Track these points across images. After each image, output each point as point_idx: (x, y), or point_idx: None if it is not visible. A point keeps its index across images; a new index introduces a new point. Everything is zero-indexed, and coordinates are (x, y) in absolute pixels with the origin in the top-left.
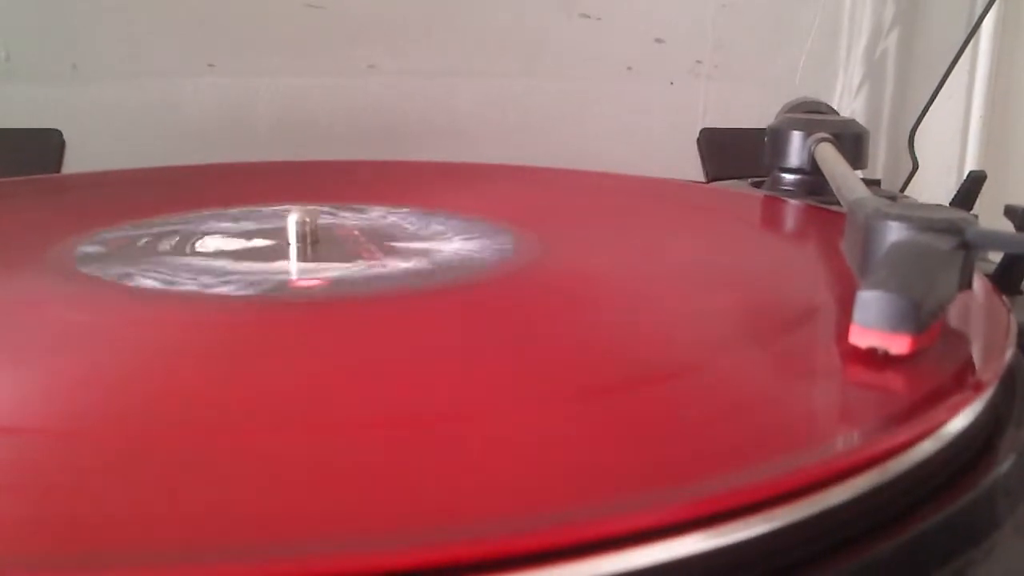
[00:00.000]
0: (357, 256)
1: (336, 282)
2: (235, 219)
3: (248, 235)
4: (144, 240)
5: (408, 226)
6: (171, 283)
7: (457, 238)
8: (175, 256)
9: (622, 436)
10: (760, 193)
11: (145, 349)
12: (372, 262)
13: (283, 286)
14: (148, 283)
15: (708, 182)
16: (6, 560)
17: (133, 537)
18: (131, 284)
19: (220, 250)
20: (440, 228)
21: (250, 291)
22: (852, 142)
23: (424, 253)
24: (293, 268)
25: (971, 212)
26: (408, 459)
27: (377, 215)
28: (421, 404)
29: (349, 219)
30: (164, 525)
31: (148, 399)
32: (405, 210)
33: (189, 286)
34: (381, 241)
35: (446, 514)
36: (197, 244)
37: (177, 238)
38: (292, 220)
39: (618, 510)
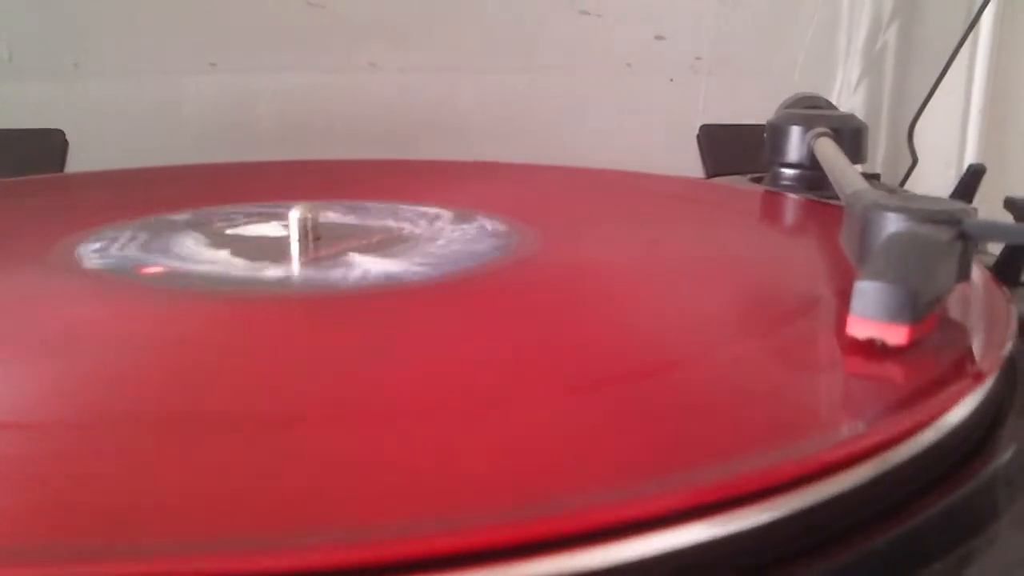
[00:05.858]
0: (298, 256)
1: (168, 274)
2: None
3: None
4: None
5: (420, 232)
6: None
7: (427, 249)
8: (187, 235)
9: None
10: (760, 188)
11: None
12: (287, 265)
13: (132, 270)
14: (96, 263)
15: (708, 178)
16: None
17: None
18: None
19: (237, 235)
20: (437, 237)
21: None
22: (851, 137)
23: (354, 265)
24: (200, 256)
25: (971, 205)
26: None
27: (411, 217)
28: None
29: (391, 220)
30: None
31: None
32: (475, 224)
33: (96, 263)
34: (354, 248)
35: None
36: (229, 228)
37: (219, 222)
38: (293, 216)
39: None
